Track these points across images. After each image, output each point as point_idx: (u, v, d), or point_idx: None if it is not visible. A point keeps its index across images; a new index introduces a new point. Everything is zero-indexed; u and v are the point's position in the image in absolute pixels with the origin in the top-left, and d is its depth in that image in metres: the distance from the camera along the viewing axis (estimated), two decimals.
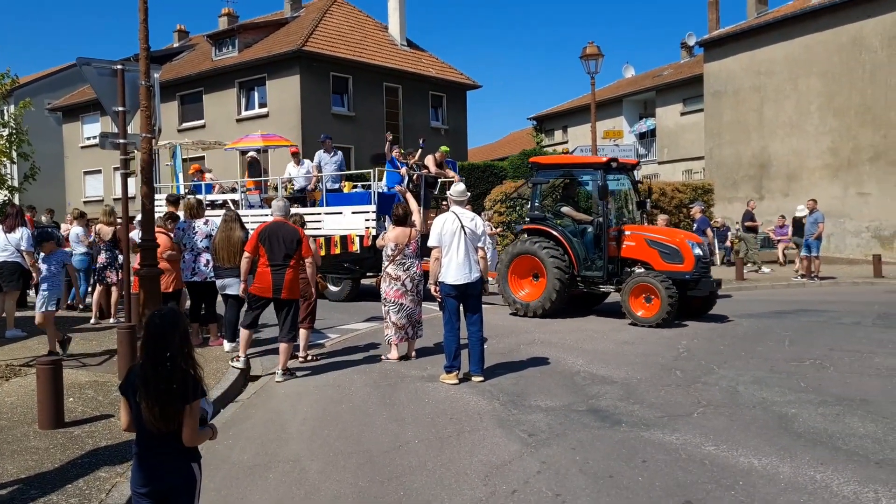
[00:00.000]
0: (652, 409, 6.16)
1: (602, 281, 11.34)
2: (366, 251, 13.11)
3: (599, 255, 11.34)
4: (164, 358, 2.96)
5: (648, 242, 11.13)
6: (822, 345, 8.94)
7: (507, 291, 11.76)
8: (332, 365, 8.24)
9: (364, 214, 13.33)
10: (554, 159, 12.66)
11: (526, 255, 11.56)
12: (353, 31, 31.04)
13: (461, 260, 7.19)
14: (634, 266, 11.16)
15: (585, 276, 11.44)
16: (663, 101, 34.44)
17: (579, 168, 12.15)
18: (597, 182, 11.42)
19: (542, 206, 12.16)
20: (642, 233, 11.40)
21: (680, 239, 11.20)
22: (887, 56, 22.31)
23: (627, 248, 11.27)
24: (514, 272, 11.77)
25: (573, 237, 11.50)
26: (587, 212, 12.11)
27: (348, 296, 14.00)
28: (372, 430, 5.81)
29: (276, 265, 7.41)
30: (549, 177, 12.24)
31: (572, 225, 11.75)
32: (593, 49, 17.89)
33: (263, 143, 19.04)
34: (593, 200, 11.99)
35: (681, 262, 10.82)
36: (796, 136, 24.92)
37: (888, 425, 5.54)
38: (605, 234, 11.23)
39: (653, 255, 11.02)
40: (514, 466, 4.88)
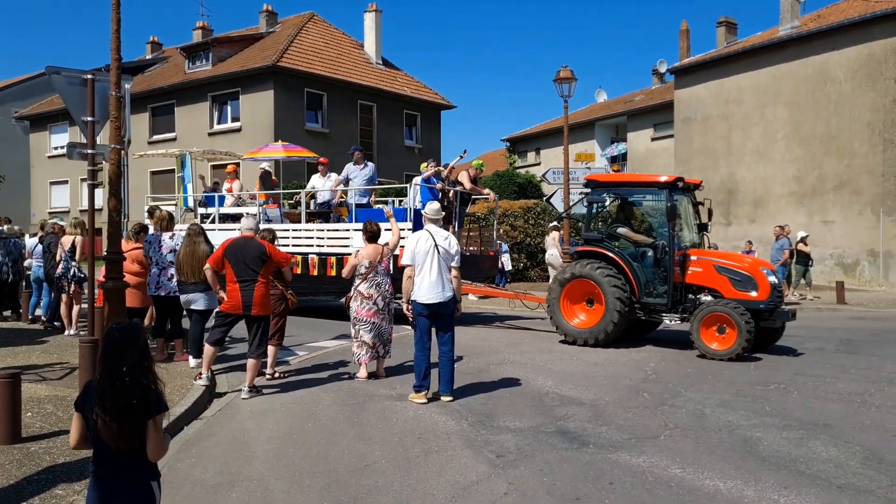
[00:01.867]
0: (620, 431, 6.17)
1: (665, 309, 10.53)
2: (399, 272, 12.45)
3: (661, 280, 10.54)
4: (123, 373, 2.89)
5: (718, 268, 10.34)
6: (787, 369, 9.06)
7: (560, 318, 10.84)
8: (300, 383, 8.15)
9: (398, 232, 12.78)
10: (613, 177, 11.85)
11: (581, 280, 10.70)
12: (329, 47, 31.10)
13: (434, 279, 7.18)
14: (700, 293, 10.44)
15: (646, 303, 10.62)
16: (635, 125, 34.95)
17: (642, 187, 11.33)
18: (662, 202, 10.58)
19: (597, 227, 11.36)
20: (710, 258, 10.67)
21: (753, 265, 10.53)
22: (851, 88, 22.91)
23: (693, 273, 10.49)
24: (566, 297, 10.87)
25: (633, 261, 10.68)
26: (644, 234, 11.30)
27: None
28: (338, 449, 5.74)
29: (243, 281, 7.32)
30: (604, 195, 11.40)
31: (630, 248, 10.91)
32: (567, 73, 18.11)
33: (285, 154, 18.01)
34: (648, 222, 11.32)
35: (754, 290, 10.01)
36: (763, 163, 25.42)
37: (850, 450, 5.62)
38: (670, 258, 10.35)
39: (722, 281, 10.23)
40: (481, 487, 4.85)
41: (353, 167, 14.19)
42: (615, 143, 36.69)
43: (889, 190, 21.95)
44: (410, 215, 12.40)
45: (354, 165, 14.18)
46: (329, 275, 12.97)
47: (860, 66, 22.72)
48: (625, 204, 11.42)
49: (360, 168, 14.12)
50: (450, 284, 7.25)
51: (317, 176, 15.04)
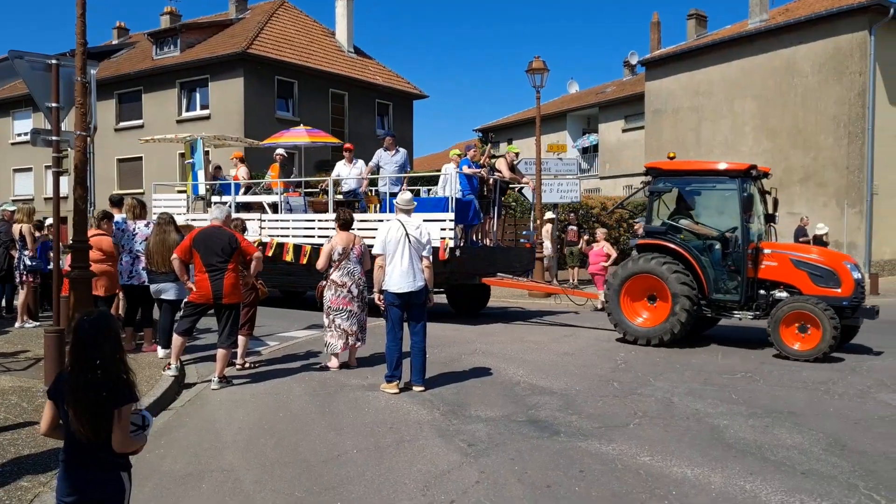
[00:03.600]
0: (590, 420, 6.24)
1: (737, 306, 9.92)
2: (440, 265, 11.04)
3: (731, 275, 9.91)
4: (94, 365, 2.85)
5: (795, 262, 9.70)
6: (753, 358, 9.22)
7: (621, 317, 10.19)
8: (271, 373, 8.10)
9: (439, 223, 11.41)
10: (678, 165, 11.04)
11: (644, 275, 10.04)
12: (300, 35, 30.78)
13: (405, 268, 7.17)
14: (774, 290, 9.79)
15: (716, 300, 9.99)
16: (606, 117, 35.16)
17: (711, 175, 10.42)
18: (729, 191, 10.02)
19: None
20: (786, 251, 10.05)
21: (835, 259, 9.91)
22: (818, 81, 23.27)
23: (767, 268, 9.83)
24: (627, 294, 10.20)
25: (700, 255, 10.03)
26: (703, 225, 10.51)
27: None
28: (309, 439, 5.73)
29: (213, 271, 7.25)
30: (672, 185, 10.57)
31: (693, 241, 10.23)
32: (539, 63, 18.13)
33: (309, 139, 17.25)
34: (711, 212, 10.58)
35: (836, 286, 9.41)
36: (732, 155, 25.65)
37: (813, 437, 5.74)
38: (744, 251, 9.76)
39: (800, 277, 9.61)
40: (452, 476, 4.87)
41: (384, 153, 13.36)
42: (586, 134, 36.90)
43: (853, 182, 22.37)
44: (452, 205, 11.57)
45: (385, 151, 13.35)
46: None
47: (826, 60, 23.07)
48: (684, 194, 10.61)
49: (391, 154, 13.30)
50: (421, 274, 7.25)
51: (342, 163, 14.12)
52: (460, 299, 13.63)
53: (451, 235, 11.35)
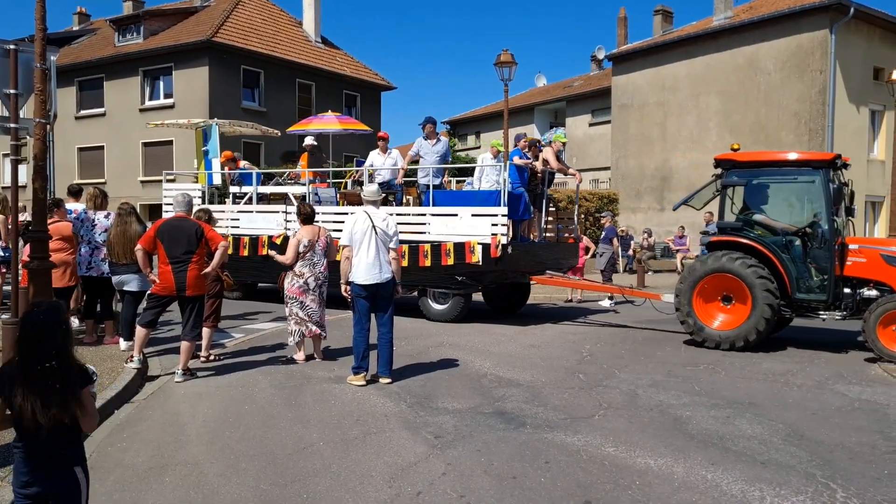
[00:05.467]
0: (556, 412, 6.29)
1: (824, 306, 9.31)
2: (491, 263, 10.64)
3: (814, 273, 9.34)
4: (49, 355, 2.81)
5: (887, 258, 9.10)
6: (715, 350, 9.35)
7: (695, 319, 9.54)
8: (236, 365, 8.02)
9: (490, 218, 10.74)
10: (755, 156, 10.25)
11: (719, 275, 9.41)
12: (266, 24, 30.41)
13: (371, 260, 7.15)
14: (862, 288, 9.25)
15: (799, 300, 9.37)
16: (573, 111, 35.40)
17: (793, 167, 9.66)
18: (807, 183, 9.49)
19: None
20: (876, 246, 9.47)
21: None
22: (780, 79, 23.69)
23: (855, 265, 9.24)
24: (699, 295, 9.57)
25: (781, 252, 9.42)
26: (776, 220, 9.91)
27: (458, 316, 11.36)
28: (275, 431, 5.69)
29: (176, 262, 7.14)
30: (748, 177, 9.88)
31: (769, 237, 9.63)
32: (507, 57, 18.16)
33: (341, 126, 16.27)
34: (786, 206, 10.05)
35: None
36: (696, 150, 26.09)
37: (773, 427, 5.86)
38: (831, 247, 9.16)
39: (893, 274, 9.01)
40: (419, 468, 4.88)
41: (424, 142, 12.32)
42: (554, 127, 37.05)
43: None
44: (504, 199, 10.81)
45: (426, 140, 12.30)
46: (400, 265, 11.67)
47: (789, 58, 23.49)
48: (755, 187, 9.94)
49: (432, 143, 12.27)
50: (388, 266, 7.23)
51: (376, 152, 13.09)
52: (499, 297, 12.98)
53: (504, 231, 10.66)
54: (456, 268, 10.89)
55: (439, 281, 11.21)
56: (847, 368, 8.29)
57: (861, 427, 5.91)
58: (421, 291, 11.62)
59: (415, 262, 11.11)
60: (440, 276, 11.09)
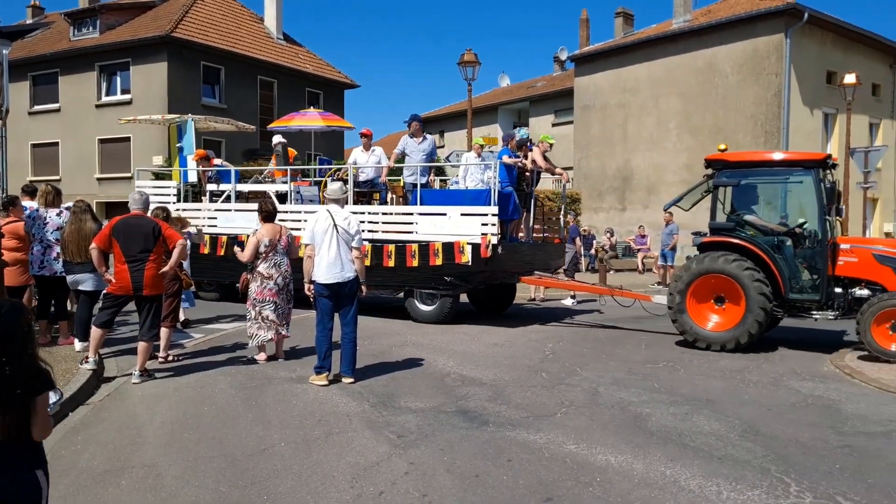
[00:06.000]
0: (518, 410, 6.32)
1: (817, 305, 9.29)
2: (481, 263, 10.52)
3: (806, 273, 9.36)
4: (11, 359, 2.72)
5: (879, 258, 9.11)
6: (675, 348, 9.52)
7: (688, 320, 9.47)
8: (195, 366, 7.91)
9: (480, 218, 10.61)
10: (746, 156, 10.34)
11: (712, 275, 9.34)
12: (227, 20, 30.01)
13: (332, 259, 7.11)
14: (854, 287, 9.24)
15: (792, 300, 9.34)
16: (536, 111, 35.63)
17: (784, 167, 9.67)
18: (797, 184, 9.55)
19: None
20: (866, 246, 9.53)
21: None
22: (737, 81, 24.16)
23: (847, 264, 9.23)
24: (693, 296, 9.50)
25: (774, 252, 9.39)
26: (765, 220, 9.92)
27: (446, 317, 11.17)
28: (235, 433, 5.61)
29: (133, 261, 7.00)
30: (739, 177, 9.74)
31: (762, 237, 9.60)
32: (470, 56, 18.22)
33: (324, 123, 16.09)
34: (771, 207, 10.09)
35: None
36: (656, 151, 26.48)
37: (730, 423, 5.97)
38: (824, 247, 9.15)
39: (885, 273, 9.02)
40: (382, 468, 4.86)
41: (410, 140, 12.26)
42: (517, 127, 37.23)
43: None
44: (494, 198, 10.67)
45: (412, 138, 12.24)
46: (386, 265, 11.10)
47: (745, 61, 23.96)
48: (745, 187, 9.88)
49: (417, 141, 12.20)
50: (350, 265, 7.19)
51: (359, 150, 13.02)
52: (485, 298, 12.88)
53: (494, 231, 10.53)
54: (444, 268, 10.74)
55: (427, 281, 11.04)
56: (801, 365, 8.49)
57: (814, 422, 6.05)
58: (408, 292, 11.44)
59: (402, 262, 10.95)
60: (428, 276, 10.92)
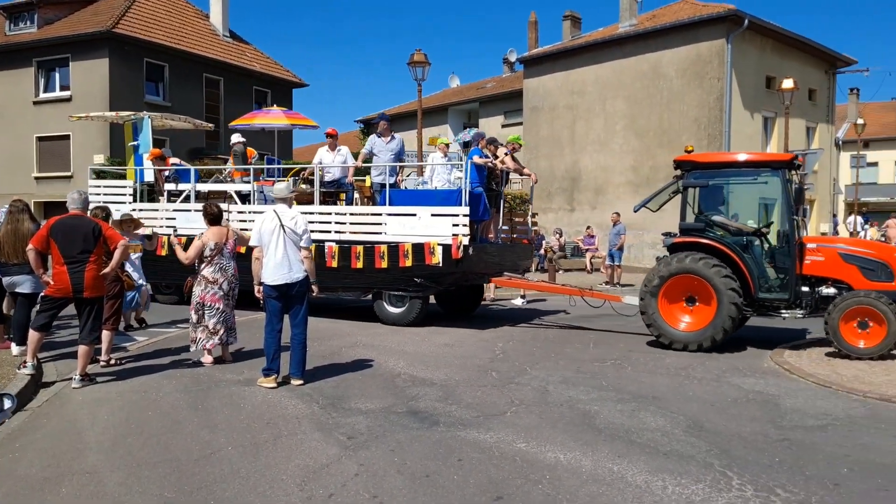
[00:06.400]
0: (469, 410, 6.34)
1: (785, 304, 9.39)
2: (452, 264, 10.43)
3: (775, 272, 9.48)
4: None
5: (844, 256, 9.28)
6: (622, 346, 9.68)
7: (660, 321, 9.46)
8: (139, 369, 7.72)
9: (451, 218, 10.49)
10: (715, 157, 10.37)
11: (684, 276, 9.35)
12: (171, 16, 29.38)
13: (279, 259, 7.03)
14: (820, 286, 9.34)
15: (762, 300, 9.43)
16: (486, 112, 35.76)
17: (752, 167, 9.76)
18: (762, 184, 9.67)
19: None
20: (832, 245, 9.71)
21: (886, 251, 9.48)
22: (681, 85, 24.70)
23: (813, 263, 9.34)
24: (664, 296, 9.49)
25: (743, 252, 9.46)
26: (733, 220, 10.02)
27: (415, 318, 11.04)
28: (181, 437, 5.50)
29: (72, 262, 6.80)
30: (708, 178, 9.79)
31: (731, 237, 9.63)
32: (420, 56, 18.21)
33: (288, 122, 15.71)
34: (738, 207, 10.13)
35: (890, 279, 9.05)
36: (604, 153, 26.89)
37: (675, 419, 6.10)
38: (793, 246, 9.26)
39: (850, 271, 9.19)
40: (331, 470, 4.82)
41: (378, 140, 12.11)
42: (467, 128, 37.39)
43: None
44: (465, 198, 10.55)
45: (380, 138, 12.10)
46: (354, 266, 10.96)
47: (689, 65, 24.52)
48: (713, 188, 9.94)
49: (386, 141, 12.05)
50: (299, 265, 7.12)
51: (324, 149, 12.70)
52: (452, 300, 12.72)
53: (465, 232, 10.41)
54: (414, 269, 10.63)
55: (396, 283, 10.91)
56: (742, 362, 8.72)
57: (755, 417, 6.22)
58: (376, 294, 11.27)
59: (370, 263, 10.80)
60: (397, 277, 10.80)
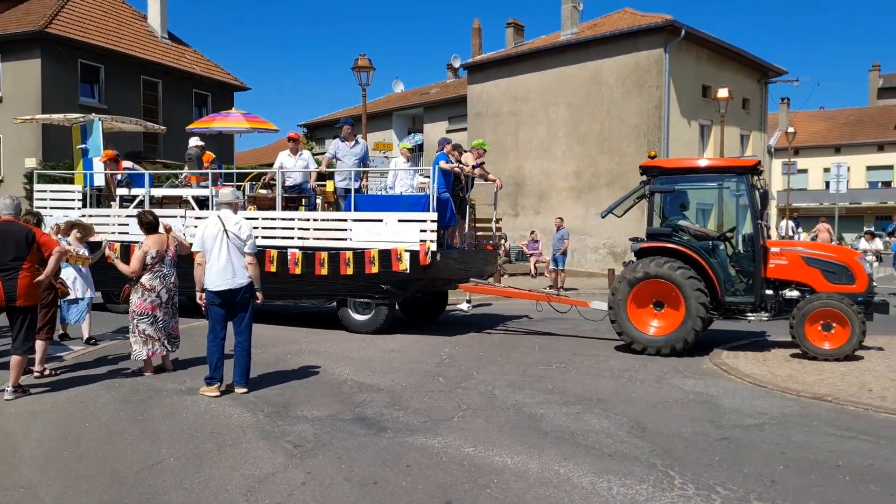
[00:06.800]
0: (416, 415, 6.34)
1: (751, 308, 9.53)
2: (420, 271, 10.30)
3: (740, 276, 9.60)
4: None
5: (807, 260, 9.47)
6: (566, 350, 9.82)
7: (629, 325, 9.51)
8: (75, 380, 7.48)
9: (419, 224, 10.37)
10: (679, 163, 10.50)
11: (652, 281, 9.39)
12: (107, 17, 28.60)
13: (222, 265, 6.91)
14: (784, 289, 9.51)
15: (728, 303, 9.54)
16: (430, 117, 35.89)
17: (717, 172, 10.08)
18: (725, 189, 9.85)
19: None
20: (795, 248, 9.90)
21: (847, 254, 9.80)
22: (621, 93, 25.22)
23: (777, 267, 9.52)
24: (633, 301, 9.54)
25: (710, 257, 9.56)
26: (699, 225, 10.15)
27: (382, 326, 10.87)
28: (120, 449, 5.35)
29: (4, 270, 6.56)
30: (674, 183, 9.86)
31: (696, 242, 9.71)
32: (364, 61, 18.16)
33: (249, 125, 15.31)
34: (702, 212, 10.25)
35: (851, 281, 9.26)
36: (547, 159, 27.25)
37: (619, 421, 6.22)
38: (757, 250, 9.42)
39: (813, 274, 9.38)
40: (278, 479, 4.75)
41: (341, 144, 11.97)
42: (412, 133, 37.45)
43: None
44: (433, 204, 10.45)
45: (343, 142, 11.95)
46: (318, 273, 10.75)
47: (629, 74, 25.06)
48: (678, 193, 10.01)
49: (350, 146, 11.89)
50: (243, 271, 7.01)
51: (285, 153, 12.38)
52: (418, 307, 12.56)
53: (433, 238, 10.31)
54: (381, 276, 10.47)
55: (362, 290, 10.73)
56: (683, 364, 8.93)
57: (695, 417, 6.38)
58: (341, 302, 11.05)
59: (335, 270, 10.62)
60: (363, 284, 10.63)
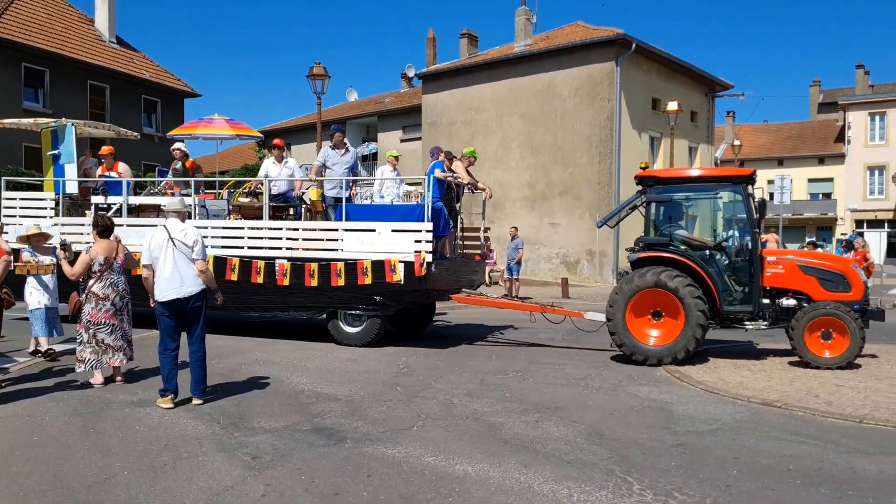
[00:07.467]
0: (375, 425, 6.32)
1: (750, 317, 9.56)
2: (415, 282, 10.09)
3: (738, 285, 9.61)
4: None
5: (803, 268, 9.56)
6: (523, 358, 9.89)
7: (628, 335, 9.44)
8: (21, 392, 7.25)
9: (413, 234, 10.16)
10: (676, 172, 10.54)
11: (651, 290, 9.35)
12: (53, 20, 27.94)
13: (169, 274, 6.80)
14: (781, 297, 9.57)
15: (727, 312, 9.56)
16: (385, 126, 35.84)
17: (713, 182, 10.06)
18: (720, 199, 9.93)
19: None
20: (792, 257, 9.97)
21: (843, 263, 9.92)
22: (574, 105, 25.60)
23: (774, 275, 9.58)
24: (631, 311, 9.48)
25: (708, 266, 9.57)
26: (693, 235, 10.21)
27: (374, 338, 10.53)
28: (72, 463, 5.20)
29: None
30: (671, 193, 9.83)
31: (693, 251, 9.71)
32: (320, 69, 18.10)
33: (233, 132, 14.90)
34: (697, 222, 10.30)
35: (847, 290, 9.36)
36: (501, 168, 27.46)
37: (576, 428, 6.29)
38: (755, 260, 9.43)
39: (810, 282, 9.47)
40: (236, 491, 4.68)
41: (331, 152, 11.61)
42: (366, 142, 37.35)
43: (602, 197, 24.85)
44: (428, 214, 10.26)
45: (333, 150, 11.62)
46: (308, 285, 10.47)
47: (581, 86, 25.46)
48: (674, 203, 10.00)
49: (340, 153, 11.59)
50: (192, 279, 6.88)
51: (270, 161, 12.17)
52: (406, 318, 12.14)
53: (429, 248, 10.10)
54: (374, 287, 10.20)
55: (354, 302, 10.44)
56: (637, 371, 9.08)
57: (651, 424, 6.50)
58: (331, 314, 10.74)
59: (326, 281, 10.35)
60: (355, 296, 10.36)
